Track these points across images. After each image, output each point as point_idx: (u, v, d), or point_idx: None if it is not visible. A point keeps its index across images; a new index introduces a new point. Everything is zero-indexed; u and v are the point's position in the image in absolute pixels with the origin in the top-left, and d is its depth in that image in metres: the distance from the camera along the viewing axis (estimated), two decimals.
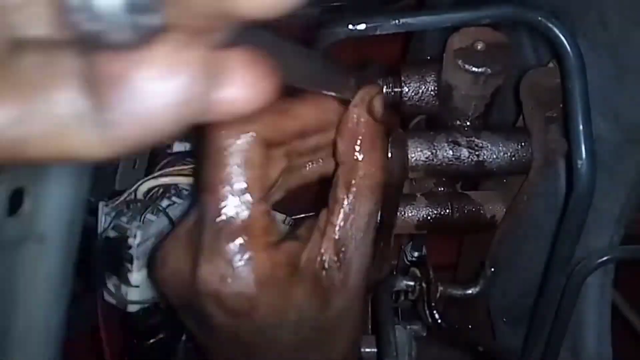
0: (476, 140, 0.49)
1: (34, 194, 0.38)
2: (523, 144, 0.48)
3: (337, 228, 0.31)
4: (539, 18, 0.39)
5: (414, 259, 0.77)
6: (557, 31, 0.40)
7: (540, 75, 0.50)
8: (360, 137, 0.31)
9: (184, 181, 0.55)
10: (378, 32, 0.36)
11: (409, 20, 0.36)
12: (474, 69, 0.46)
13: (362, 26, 0.36)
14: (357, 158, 0.31)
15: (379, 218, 0.56)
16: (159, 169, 0.54)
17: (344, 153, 0.32)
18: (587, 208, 0.43)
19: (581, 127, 0.41)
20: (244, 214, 0.28)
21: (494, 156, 0.49)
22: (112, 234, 0.50)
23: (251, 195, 0.29)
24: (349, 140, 0.31)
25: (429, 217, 0.56)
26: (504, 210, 0.55)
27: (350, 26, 0.36)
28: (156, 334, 0.59)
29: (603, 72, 0.48)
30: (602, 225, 0.51)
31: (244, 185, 0.28)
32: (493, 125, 0.54)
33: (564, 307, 0.50)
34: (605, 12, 0.47)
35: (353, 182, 0.31)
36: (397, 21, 0.36)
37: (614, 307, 0.56)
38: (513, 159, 0.49)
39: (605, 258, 0.49)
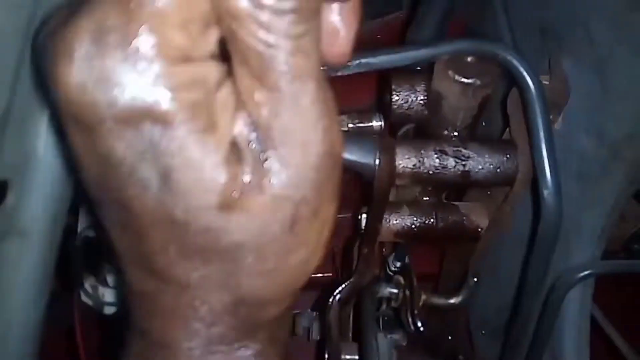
0: (463, 150, 0.49)
1: (18, 188, 0.37)
2: (509, 156, 0.49)
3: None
4: (497, 51, 0.39)
5: (396, 268, 0.77)
6: (516, 63, 0.40)
7: None
8: None
9: None
10: (340, 73, 0.37)
11: (370, 60, 0.37)
12: (463, 79, 0.46)
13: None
14: None
15: (363, 225, 0.57)
16: None
17: None
18: (556, 237, 0.44)
19: (546, 157, 0.42)
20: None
21: (480, 167, 0.49)
22: (91, 233, 0.49)
23: None
24: None
25: (413, 226, 0.56)
26: (488, 221, 0.55)
27: None
28: None
29: (588, 89, 0.49)
30: (584, 240, 0.51)
31: None
32: (480, 137, 0.54)
33: (545, 321, 0.51)
34: (592, 30, 0.48)
35: None
36: (358, 61, 0.37)
37: (592, 320, 0.56)
38: (498, 170, 0.49)
39: (586, 273, 0.50)
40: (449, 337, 0.71)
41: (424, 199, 0.60)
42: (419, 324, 0.52)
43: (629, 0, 0.43)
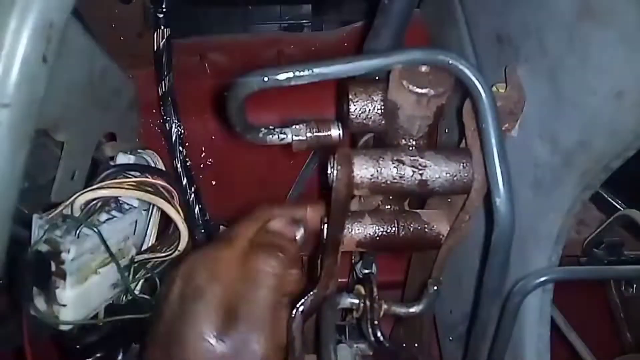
0: (420, 159, 0.49)
1: None
2: (464, 164, 0.49)
3: None
4: (449, 61, 0.40)
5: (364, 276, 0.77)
6: (467, 72, 0.40)
7: None
8: None
9: (125, 194, 0.53)
10: (292, 83, 0.37)
11: (323, 69, 0.37)
12: (417, 89, 0.47)
13: (279, 77, 0.37)
14: None
15: (325, 236, 0.57)
16: (99, 181, 0.53)
17: None
18: (509, 244, 0.44)
19: (498, 166, 0.42)
20: None
21: (437, 175, 0.49)
22: (44, 248, 0.47)
23: None
24: None
25: (375, 235, 0.56)
26: (449, 228, 0.56)
27: (265, 78, 0.37)
28: (92, 353, 0.57)
29: (542, 97, 0.49)
30: (541, 246, 0.52)
31: None
32: (439, 145, 0.54)
33: (504, 327, 0.51)
34: (544, 38, 0.49)
35: None
36: (311, 71, 0.37)
37: (553, 326, 0.57)
38: (455, 178, 0.49)
39: (543, 278, 0.50)
40: (416, 345, 0.71)
41: (386, 207, 0.60)
42: (379, 334, 0.52)
43: (579, 10, 0.44)
